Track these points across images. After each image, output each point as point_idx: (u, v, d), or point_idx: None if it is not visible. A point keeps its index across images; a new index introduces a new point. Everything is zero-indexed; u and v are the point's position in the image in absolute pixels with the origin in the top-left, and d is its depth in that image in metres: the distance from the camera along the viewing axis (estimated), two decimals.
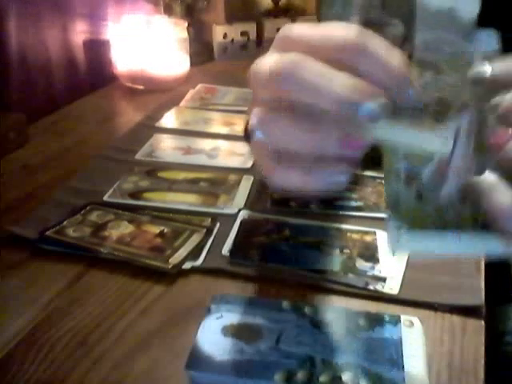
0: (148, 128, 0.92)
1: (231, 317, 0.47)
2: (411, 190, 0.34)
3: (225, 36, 1.31)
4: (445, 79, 0.33)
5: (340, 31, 0.31)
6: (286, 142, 0.32)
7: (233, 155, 0.82)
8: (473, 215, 0.33)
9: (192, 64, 1.17)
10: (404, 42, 0.33)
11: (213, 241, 0.61)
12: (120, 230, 0.62)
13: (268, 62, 0.31)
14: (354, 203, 0.67)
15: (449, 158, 0.33)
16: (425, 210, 0.34)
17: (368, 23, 0.32)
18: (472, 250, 0.33)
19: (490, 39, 0.35)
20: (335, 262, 0.57)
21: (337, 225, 0.63)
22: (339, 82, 0.30)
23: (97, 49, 1.12)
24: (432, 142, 0.32)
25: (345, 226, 0.63)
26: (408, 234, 0.33)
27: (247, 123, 0.36)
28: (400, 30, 0.32)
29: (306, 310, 0.48)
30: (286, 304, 0.49)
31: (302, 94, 0.30)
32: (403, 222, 0.34)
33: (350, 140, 0.32)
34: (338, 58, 0.30)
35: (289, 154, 0.32)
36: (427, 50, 0.33)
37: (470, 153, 0.32)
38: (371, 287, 0.53)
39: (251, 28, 1.33)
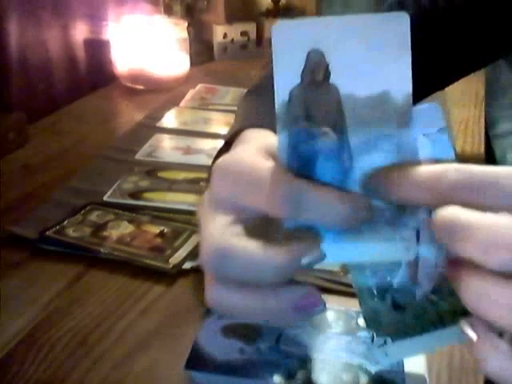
0: (148, 128, 0.92)
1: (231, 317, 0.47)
2: (387, 303, 0.33)
3: (225, 36, 1.31)
4: None
5: (267, 184, 0.30)
6: (240, 314, 0.32)
7: None
8: (451, 308, 0.32)
9: (192, 64, 1.17)
10: (339, 150, 0.30)
11: None
12: (120, 230, 0.62)
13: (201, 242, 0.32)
14: None
15: (415, 260, 0.31)
16: (405, 316, 0.33)
17: (297, 137, 0.30)
18: (457, 340, 0.32)
19: (433, 114, 0.31)
20: None
21: None
22: (268, 255, 0.29)
23: (97, 49, 1.12)
24: (395, 250, 0.30)
25: None
26: (393, 345, 0.33)
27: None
28: (332, 139, 0.30)
29: None
30: None
31: (238, 273, 0.30)
32: (386, 336, 0.33)
33: (303, 300, 0.31)
34: (270, 211, 0.30)
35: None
36: (366, 150, 0.30)
37: (435, 249, 0.30)
38: None
39: (251, 28, 1.33)
